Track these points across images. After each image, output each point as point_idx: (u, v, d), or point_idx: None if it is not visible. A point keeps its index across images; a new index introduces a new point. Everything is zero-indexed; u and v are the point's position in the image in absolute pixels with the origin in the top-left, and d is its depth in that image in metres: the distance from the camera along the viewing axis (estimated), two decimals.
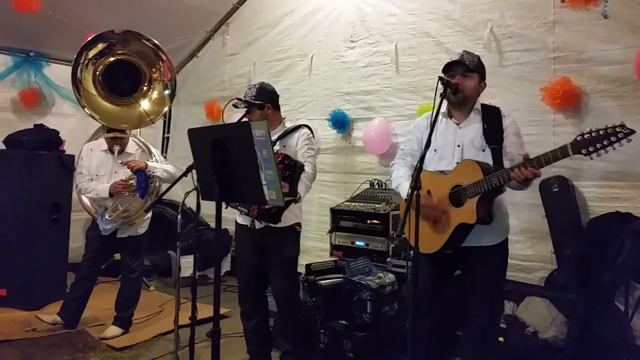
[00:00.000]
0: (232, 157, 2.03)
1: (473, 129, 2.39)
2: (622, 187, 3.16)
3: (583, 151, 1.89)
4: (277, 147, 2.83)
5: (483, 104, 2.45)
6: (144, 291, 4.06)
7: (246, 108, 2.86)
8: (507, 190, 2.37)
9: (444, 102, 2.33)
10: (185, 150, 2.63)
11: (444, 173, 2.38)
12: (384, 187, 4.13)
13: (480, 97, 2.47)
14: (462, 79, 2.36)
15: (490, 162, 2.27)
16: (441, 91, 2.24)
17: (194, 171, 2.35)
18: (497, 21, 3.71)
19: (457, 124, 2.44)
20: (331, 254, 3.94)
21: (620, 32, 3.15)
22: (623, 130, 1.82)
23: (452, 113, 2.47)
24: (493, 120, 2.37)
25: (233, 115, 4.31)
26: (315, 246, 4.72)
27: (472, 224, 2.21)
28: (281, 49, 5.22)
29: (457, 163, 2.34)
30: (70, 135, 4.94)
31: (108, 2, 4.83)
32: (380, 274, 3.35)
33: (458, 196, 2.26)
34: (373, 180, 4.22)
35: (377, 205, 3.77)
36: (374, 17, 4.50)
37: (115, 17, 4.70)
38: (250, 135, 1.94)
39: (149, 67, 3.72)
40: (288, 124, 3.04)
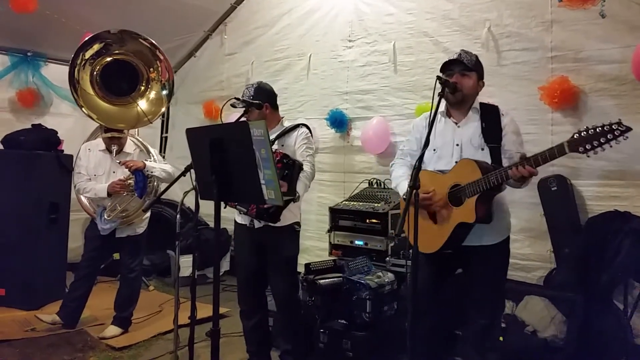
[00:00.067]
0: (231, 157, 2.02)
1: (472, 127, 2.39)
2: (621, 186, 3.17)
3: (580, 149, 1.88)
4: (276, 147, 2.83)
5: (482, 103, 2.45)
6: (143, 291, 4.06)
7: (244, 107, 2.86)
8: (507, 189, 2.36)
9: (443, 102, 2.33)
10: (184, 150, 2.62)
11: (443, 172, 2.37)
12: (382, 187, 4.12)
13: (479, 97, 2.47)
14: (461, 78, 2.36)
15: (489, 161, 2.27)
16: (439, 90, 2.24)
17: (192, 171, 2.34)
18: (495, 20, 3.72)
19: (456, 123, 2.43)
20: (330, 253, 3.93)
21: (618, 32, 3.15)
22: (620, 128, 1.82)
23: (451, 112, 2.47)
24: (492, 119, 2.37)
25: (231, 114, 4.31)
26: (314, 245, 4.72)
27: (472, 223, 2.21)
28: (279, 48, 5.22)
29: (456, 162, 2.34)
30: (68, 135, 4.93)
31: (105, 2, 4.82)
32: (380, 273, 3.35)
33: (457, 195, 2.26)
34: (372, 180, 4.22)
35: (376, 205, 3.77)
36: (371, 17, 4.50)
37: (113, 17, 4.69)
38: (249, 135, 1.93)
39: (147, 67, 3.72)
40: (286, 123, 3.04)
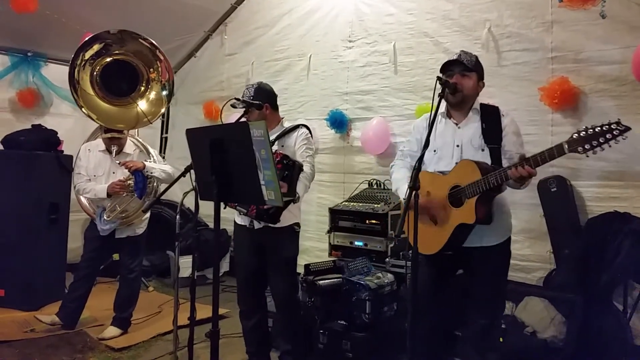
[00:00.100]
0: (231, 157, 2.02)
1: (472, 128, 2.38)
2: (621, 187, 3.17)
3: (579, 149, 1.88)
4: (276, 147, 2.83)
5: (482, 104, 2.44)
6: (142, 291, 4.05)
7: (244, 108, 2.86)
8: (507, 190, 2.36)
9: (443, 102, 2.33)
10: (184, 151, 2.62)
11: (443, 173, 2.37)
12: (382, 187, 4.12)
13: (479, 97, 2.46)
14: (461, 79, 2.36)
15: (489, 162, 2.26)
16: (439, 91, 2.23)
17: (192, 171, 2.34)
18: (495, 21, 3.72)
19: (456, 124, 2.43)
20: (330, 254, 3.93)
21: (618, 32, 3.15)
22: (619, 127, 1.82)
23: (451, 113, 2.47)
24: (492, 119, 2.36)
25: (231, 115, 4.30)
26: (314, 246, 4.72)
27: (472, 224, 2.20)
28: (279, 48, 5.22)
29: (457, 163, 2.33)
30: (68, 136, 4.93)
31: (106, 2, 4.82)
32: (379, 274, 3.34)
33: (457, 196, 2.26)
34: (371, 180, 4.22)
35: (376, 205, 3.76)
36: (371, 17, 4.50)
37: (113, 17, 4.69)
38: (249, 135, 1.93)
39: (147, 67, 3.71)
40: (286, 123, 3.04)
